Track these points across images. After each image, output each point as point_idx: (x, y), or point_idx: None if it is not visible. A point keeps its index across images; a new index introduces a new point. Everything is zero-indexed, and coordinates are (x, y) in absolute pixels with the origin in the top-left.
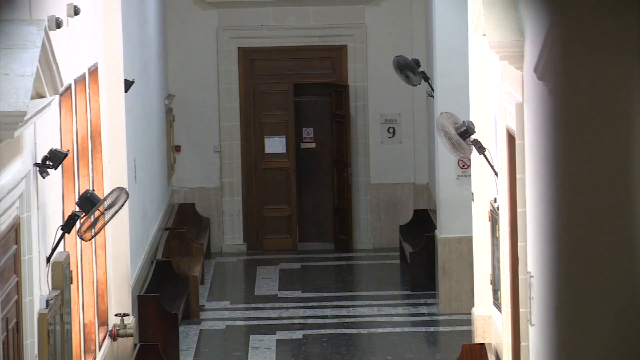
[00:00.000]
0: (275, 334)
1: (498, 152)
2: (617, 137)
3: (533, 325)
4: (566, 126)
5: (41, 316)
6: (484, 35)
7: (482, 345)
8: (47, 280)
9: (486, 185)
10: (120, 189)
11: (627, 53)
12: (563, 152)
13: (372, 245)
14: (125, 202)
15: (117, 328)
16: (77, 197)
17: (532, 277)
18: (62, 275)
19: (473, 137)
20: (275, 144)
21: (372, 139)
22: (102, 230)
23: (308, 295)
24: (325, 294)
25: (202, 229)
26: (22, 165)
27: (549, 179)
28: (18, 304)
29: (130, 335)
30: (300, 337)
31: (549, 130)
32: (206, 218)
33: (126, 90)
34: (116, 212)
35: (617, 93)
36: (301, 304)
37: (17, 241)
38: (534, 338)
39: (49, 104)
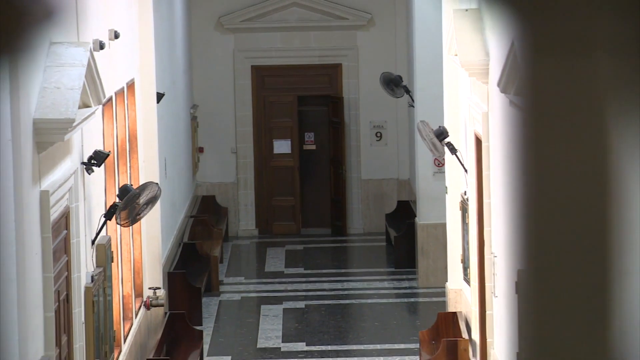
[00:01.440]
0: (282, 304)
1: (467, 152)
2: (570, 137)
3: (496, 296)
4: (524, 131)
5: (87, 289)
6: (456, 55)
7: (454, 314)
8: (92, 260)
9: (458, 180)
10: (154, 183)
11: (582, 58)
12: (521, 153)
13: (363, 230)
14: (158, 195)
15: (151, 299)
16: (117, 190)
17: (496, 257)
18: (104, 255)
19: (447, 140)
20: (282, 146)
21: (362, 141)
22: (139, 218)
23: (309, 272)
24: (323, 271)
25: (221, 217)
26: (71, 163)
27: (509, 175)
28: (68, 279)
29: (161, 305)
30: (303, 306)
31: (509, 134)
32: (224, 207)
33: (158, 101)
34: (151, 204)
35: (569, 100)
36: (303, 279)
37: (67, 227)
38: (497, 307)
39: (93, 113)
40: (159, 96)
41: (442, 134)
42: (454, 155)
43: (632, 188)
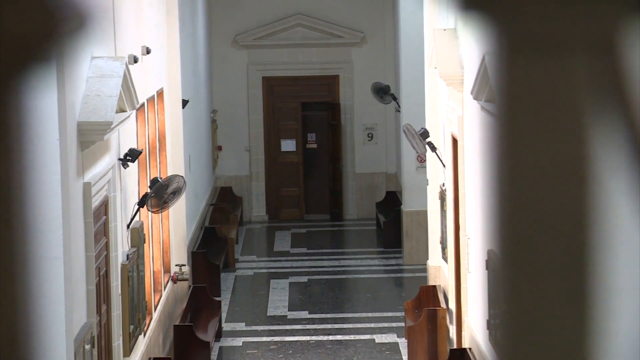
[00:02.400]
0: (288, 279)
1: (445, 150)
2: (535, 136)
3: (470, 272)
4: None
5: (123, 266)
6: (436, 68)
7: (434, 287)
8: (127, 241)
9: (437, 174)
10: (180, 176)
11: (551, 59)
12: (490, 150)
13: (357, 216)
14: (183, 187)
15: (177, 274)
16: (148, 182)
17: (469, 238)
18: (138, 237)
19: (428, 139)
20: (288, 145)
21: (356, 141)
22: (167, 207)
23: (311, 251)
24: (323, 250)
25: (236, 205)
26: (109, 159)
27: (481, 169)
28: (107, 258)
29: (186, 280)
30: (306, 280)
31: (480, 135)
32: (239, 197)
33: (183, 107)
34: (177, 194)
35: (536, 102)
36: (306, 258)
37: (106, 213)
38: (470, 282)
39: (128, 117)
40: (184, 102)
41: (424, 134)
42: (434, 153)
43: (605, 178)
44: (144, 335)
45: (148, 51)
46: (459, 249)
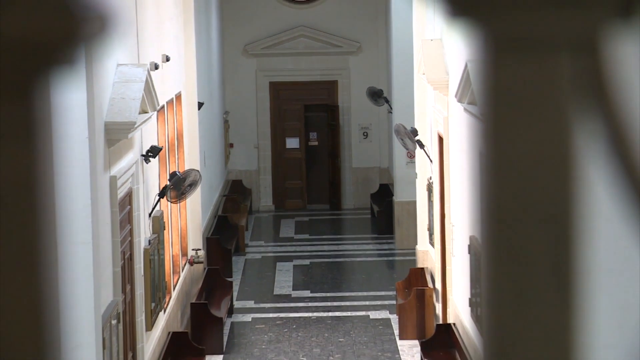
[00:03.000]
0: (292, 262)
1: (432, 147)
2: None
3: (454, 256)
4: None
5: (145, 250)
6: (424, 74)
7: (422, 269)
8: (149, 228)
9: (424, 168)
10: (196, 170)
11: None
12: (471, 146)
13: (353, 205)
14: (198, 180)
15: (193, 258)
16: (167, 175)
17: (453, 226)
18: (158, 224)
19: (417, 138)
20: (292, 143)
21: (353, 139)
22: (185, 197)
23: (313, 237)
24: (323, 236)
25: (246, 196)
26: (133, 155)
27: (463, 164)
28: (131, 243)
29: (201, 262)
30: (308, 263)
31: (463, 133)
32: (249, 189)
33: (199, 109)
34: (193, 186)
35: (514, 103)
36: (308, 243)
37: (130, 203)
38: (454, 264)
39: (150, 117)
40: (200, 105)
41: (413, 133)
42: (422, 150)
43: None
44: (164, 311)
45: (167, 59)
46: (444, 235)
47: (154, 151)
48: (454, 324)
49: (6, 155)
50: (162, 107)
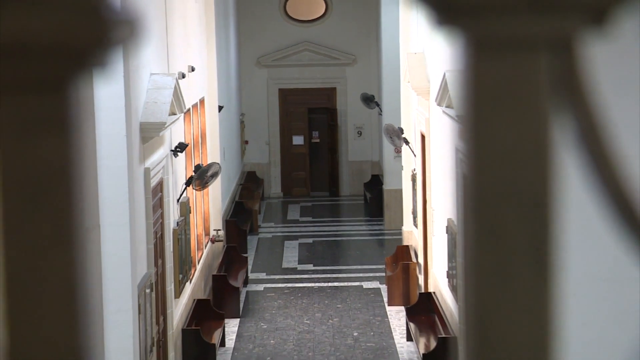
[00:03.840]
0: (297, 240)
1: (416, 144)
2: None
3: (434, 236)
4: (450, 128)
5: (174, 230)
6: (409, 82)
7: (407, 246)
8: (177, 212)
9: (409, 161)
10: (216, 163)
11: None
12: (447, 141)
13: (349, 193)
14: (219, 171)
15: (215, 237)
16: (192, 167)
17: (434, 210)
18: (185, 209)
19: (403, 135)
20: (298, 140)
21: (349, 137)
22: (207, 185)
23: (316, 219)
24: (324, 219)
25: (259, 185)
26: (163, 150)
27: (443, 157)
28: (162, 224)
29: (221, 241)
30: (311, 242)
31: (442, 132)
32: (261, 179)
33: (219, 111)
34: (214, 177)
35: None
36: (311, 224)
37: (161, 191)
38: (434, 242)
39: (178, 118)
40: (220, 108)
41: (400, 132)
42: (407, 146)
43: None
44: (190, 282)
45: (193, 69)
46: (426, 218)
47: (181, 147)
48: (434, 292)
49: (44, 144)
50: (188, 109)
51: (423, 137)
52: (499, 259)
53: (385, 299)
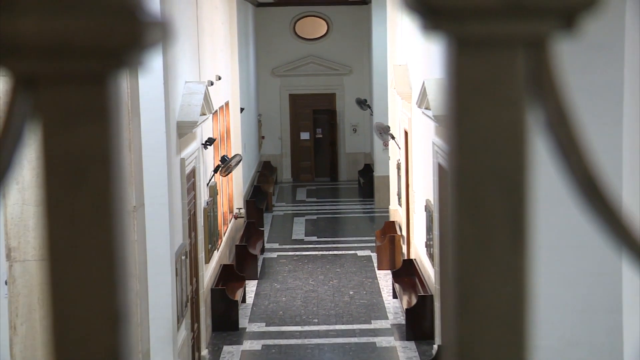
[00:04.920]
0: (304, 217)
1: (400, 139)
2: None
3: (415, 213)
4: (428, 126)
5: (204, 209)
6: (394, 88)
7: (393, 222)
8: (207, 193)
9: (395, 153)
10: (238, 154)
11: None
12: (425, 137)
13: (346, 178)
14: (240, 160)
15: (237, 214)
16: (219, 157)
17: (415, 192)
18: (213, 191)
19: (390, 132)
20: (304, 135)
21: (346, 133)
22: (230, 172)
23: (319, 200)
24: (326, 200)
25: (273, 172)
26: (196, 144)
27: (422, 149)
28: (194, 204)
29: (243, 217)
30: (315, 218)
31: (422, 129)
32: (275, 167)
33: (241, 112)
34: (237, 163)
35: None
36: (316, 204)
37: (194, 176)
38: (415, 219)
39: (207, 118)
40: (241, 109)
41: (387, 129)
42: (393, 140)
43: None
44: (217, 250)
45: (219, 78)
46: (409, 199)
47: (210, 141)
48: (415, 259)
49: (84, 131)
50: (216, 110)
51: (406, 133)
52: (480, 229)
53: (375, 265)
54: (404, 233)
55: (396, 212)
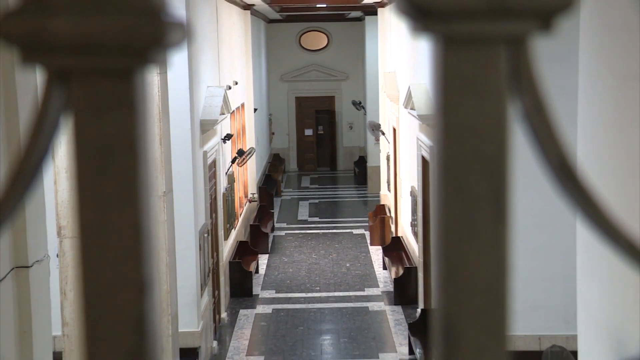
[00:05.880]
0: (308, 201)
1: (390, 134)
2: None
3: (402, 197)
4: (413, 124)
5: (223, 194)
6: (384, 91)
7: (383, 205)
8: (225, 181)
9: (385, 147)
10: (252, 147)
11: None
12: (411, 133)
13: (343, 168)
14: (254, 153)
15: (251, 198)
16: (236, 150)
17: (402, 180)
18: (231, 179)
19: (381, 129)
20: (308, 132)
21: (344, 130)
22: (245, 163)
23: (320, 186)
24: (326, 186)
25: (282, 162)
26: (216, 139)
27: (407, 144)
28: (215, 189)
29: (256, 201)
30: (317, 202)
31: (407, 126)
32: (283, 158)
33: (254, 112)
34: (251, 155)
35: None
36: (318, 190)
37: (215, 166)
38: (402, 202)
39: (226, 117)
40: (255, 110)
41: (378, 126)
42: (383, 136)
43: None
44: (234, 229)
45: (236, 83)
46: (397, 185)
47: (228, 136)
48: (401, 236)
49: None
50: (233, 111)
51: (394, 130)
52: (465, 207)
53: (368, 241)
54: (393, 214)
55: (386, 197)
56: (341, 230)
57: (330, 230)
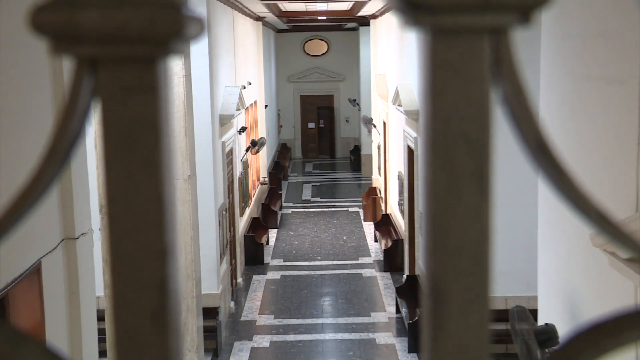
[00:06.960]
0: (311, 184)
1: (380, 127)
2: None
3: (390, 180)
4: (400, 118)
5: (239, 178)
6: (376, 91)
7: (375, 187)
8: (240, 167)
9: (376, 138)
10: (263, 138)
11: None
12: (398, 126)
13: (341, 155)
14: (265, 143)
15: (262, 181)
16: (250, 140)
17: (390, 166)
18: (245, 165)
19: (373, 122)
20: (311, 125)
21: (341, 123)
22: (258, 151)
23: (322, 171)
24: (326, 171)
25: (288, 151)
26: (233, 131)
27: (395, 135)
28: (232, 174)
29: (267, 184)
30: (319, 184)
31: (395, 120)
32: (290, 147)
33: (265, 108)
34: (262, 144)
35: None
36: (319, 174)
37: (231, 154)
38: (390, 185)
39: (241, 112)
40: (266, 106)
41: (371, 120)
42: (375, 129)
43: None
44: (248, 207)
45: (250, 83)
46: (386, 170)
47: (243, 129)
48: (390, 214)
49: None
50: (247, 107)
51: (384, 123)
52: (452, 181)
53: (362, 218)
54: (383, 195)
55: (377, 180)
56: (339, 209)
57: (330, 209)
